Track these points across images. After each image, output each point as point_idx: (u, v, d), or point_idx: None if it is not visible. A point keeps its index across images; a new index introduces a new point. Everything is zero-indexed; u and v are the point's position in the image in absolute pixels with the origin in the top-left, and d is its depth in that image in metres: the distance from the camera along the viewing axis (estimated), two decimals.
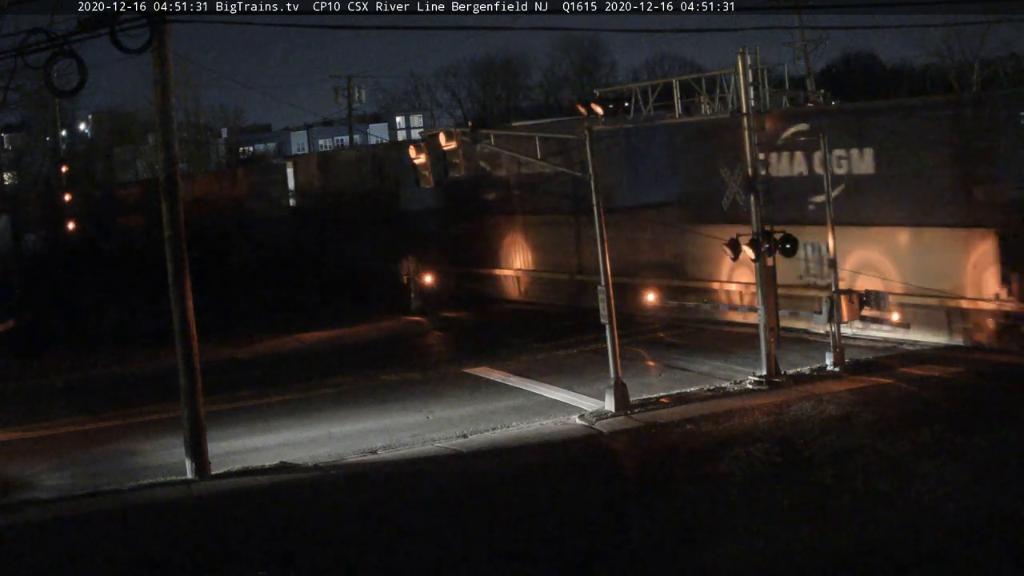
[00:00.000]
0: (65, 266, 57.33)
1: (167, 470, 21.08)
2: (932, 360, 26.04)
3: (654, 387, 25.53)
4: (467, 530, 17.03)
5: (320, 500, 19.08)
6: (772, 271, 25.62)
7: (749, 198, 25.23)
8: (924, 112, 29.21)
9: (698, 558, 15.19)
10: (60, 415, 26.85)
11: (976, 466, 17.98)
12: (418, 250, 42.43)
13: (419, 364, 30.67)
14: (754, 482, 18.02)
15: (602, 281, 24.03)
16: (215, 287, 41.43)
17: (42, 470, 22.09)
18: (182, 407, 20.93)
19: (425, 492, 19.03)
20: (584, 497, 18.29)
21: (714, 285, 33.26)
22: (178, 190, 20.89)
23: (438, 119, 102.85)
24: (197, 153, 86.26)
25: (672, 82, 26.33)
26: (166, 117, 20.76)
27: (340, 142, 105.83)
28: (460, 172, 25.28)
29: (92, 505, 19.47)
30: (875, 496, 16.89)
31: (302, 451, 21.97)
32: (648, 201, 35.38)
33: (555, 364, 29.13)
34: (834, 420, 21.43)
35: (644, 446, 21.04)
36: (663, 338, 31.68)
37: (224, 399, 26.17)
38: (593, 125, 25.26)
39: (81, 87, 19.76)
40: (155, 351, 33.00)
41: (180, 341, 20.85)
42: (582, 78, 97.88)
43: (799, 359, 26.67)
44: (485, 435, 22.51)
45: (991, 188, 26.33)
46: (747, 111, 25.13)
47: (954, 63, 69.67)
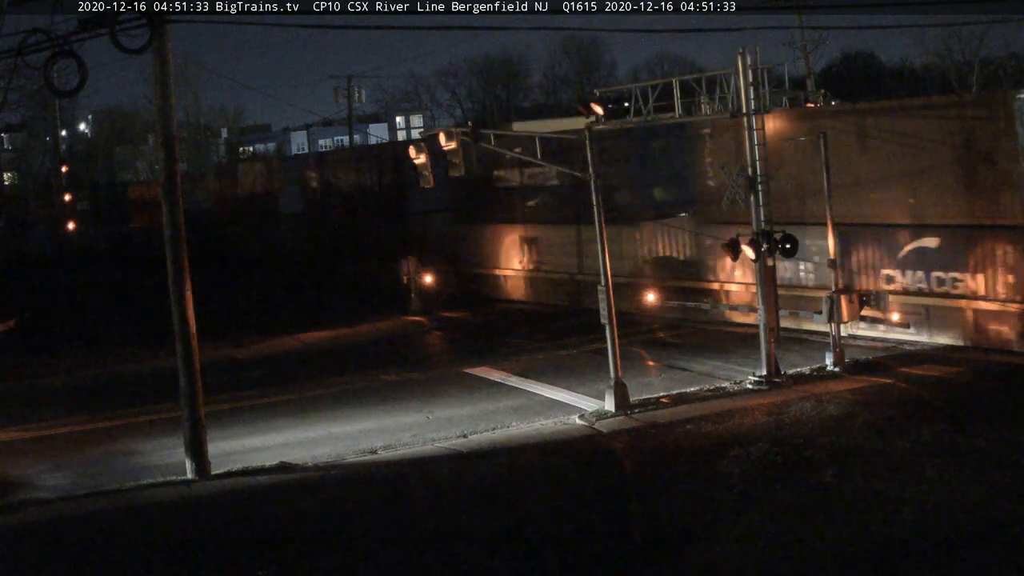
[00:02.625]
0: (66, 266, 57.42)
1: (167, 470, 21.08)
2: (932, 360, 26.04)
3: (654, 387, 25.54)
4: (467, 530, 17.02)
5: (320, 500, 19.07)
6: (772, 271, 25.62)
7: (749, 198, 25.22)
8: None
9: (698, 558, 15.18)
10: (60, 415, 26.85)
11: (976, 466, 17.97)
12: (418, 250, 42.61)
13: (419, 364, 30.69)
14: (754, 482, 18.01)
15: (602, 281, 24.04)
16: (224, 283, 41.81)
17: (42, 470, 22.09)
18: (182, 407, 20.93)
19: (425, 492, 19.02)
20: (584, 497, 18.28)
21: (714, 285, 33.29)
22: (178, 190, 20.89)
23: (438, 119, 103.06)
24: (197, 153, 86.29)
25: (672, 82, 26.23)
26: (166, 117, 20.75)
27: (340, 142, 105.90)
28: (460, 172, 25.29)
29: (92, 505, 19.47)
30: (875, 496, 16.88)
31: (302, 451, 21.98)
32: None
33: (555, 364, 29.14)
34: (834, 420, 21.43)
35: (644, 446, 21.03)
36: (663, 338, 31.70)
37: (224, 399, 26.19)
38: (594, 126, 25.28)
39: (81, 87, 19.77)
40: (155, 351, 33.03)
41: (180, 341, 20.84)
42: (582, 78, 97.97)
43: (799, 359, 26.68)
44: (485, 435, 22.51)
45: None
46: (747, 111, 25.12)
47: (954, 63, 69.75)
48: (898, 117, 29.12)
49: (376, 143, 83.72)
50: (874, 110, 30.77)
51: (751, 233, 25.00)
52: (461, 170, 25.23)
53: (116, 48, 18.97)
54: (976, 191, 26.72)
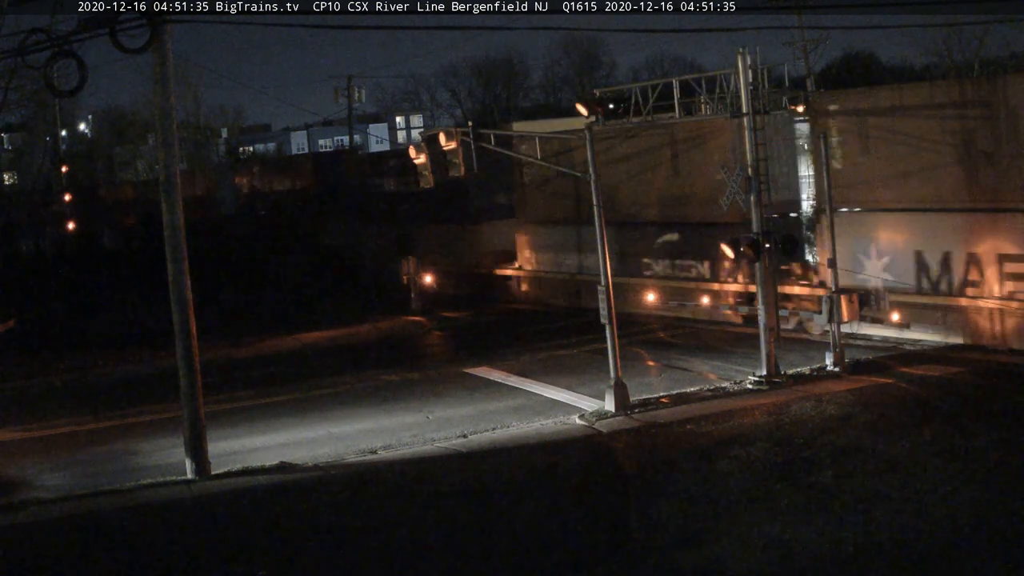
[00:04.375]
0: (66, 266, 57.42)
1: (167, 470, 21.08)
2: (932, 360, 26.04)
3: (654, 387, 25.54)
4: (467, 529, 17.03)
5: (320, 500, 19.06)
6: (772, 271, 25.63)
7: (750, 198, 25.22)
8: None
9: (698, 558, 15.18)
10: (60, 415, 26.86)
11: (976, 466, 17.97)
12: (419, 250, 42.77)
13: (419, 364, 30.69)
14: (754, 482, 18.01)
15: (602, 281, 24.04)
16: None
17: (42, 470, 22.10)
18: (182, 407, 20.93)
19: (425, 492, 19.01)
20: (584, 497, 18.28)
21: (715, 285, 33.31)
22: (178, 190, 20.89)
23: (438, 119, 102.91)
24: (197, 153, 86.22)
25: (672, 82, 26.24)
26: (166, 117, 20.75)
27: (340, 142, 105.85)
28: (460, 172, 25.29)
29: (92, 505, 19.46)
30: (875, 496, 16.88)
31: (302, 451, 21.98)
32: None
33: (555, 364, 29.14)
34: (834, 420, 21.43)
35: (644, 446, 21.03)
36: (663, 338, 31.70)
37: (224, 399, 26.20)
38: (593, 125, 25.29)
39: (81, 87, 19.76)
40: (155, 351, 33.04)
41: (180, 341, 20.84)
42: (582, 78, 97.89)
43: (799, 359, 26.68)
44: (485, 435, 22.51)
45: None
46: (747, 111, 25.11)
47: (954, 63, 69.69)
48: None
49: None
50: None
51: (752, 233, 25.02)
52: (461, 170, 25.24)
53: (116, 48, 18.99)
54: None
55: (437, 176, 26.38)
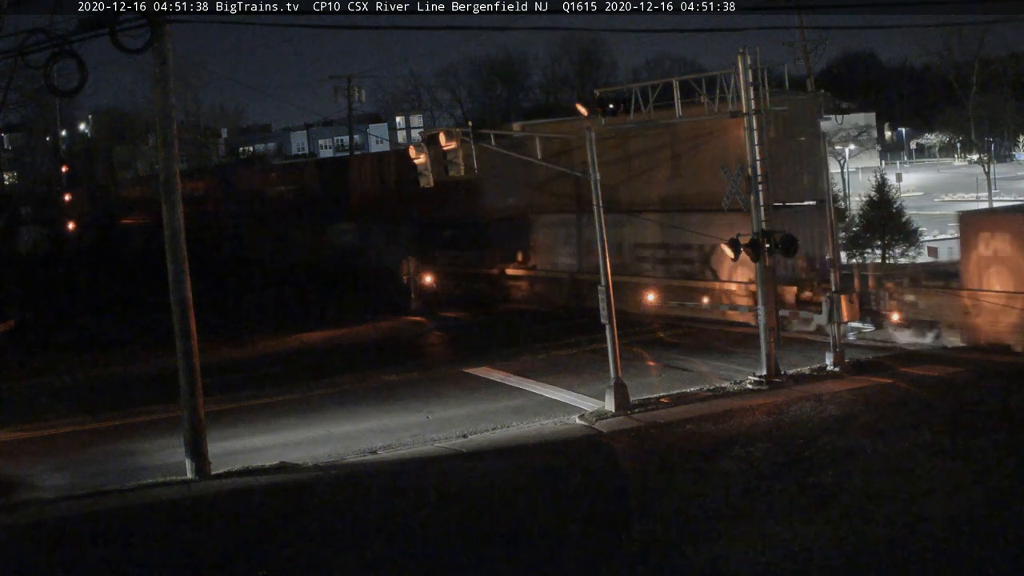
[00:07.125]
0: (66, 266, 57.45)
1: (167, 470, 21.06)
2: (932, 360, 26.04)
3: (654, 387, 25.52)
4: (467, 529, 17.02)
5: (320, 499, 19.06)
6: (772, 271, 25.62)
7: (750, 198, 25.21)
8: None
9: (698, 558, 15.17)
10: (60, 415, 26.83)
11: (976, 466, 17.97)
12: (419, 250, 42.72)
13: (419, 364, 30.67)
14: (754, 482, 18.01)
15: (602, 281, 24.03)
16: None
17: (42, 470, 22.07)
18: (182, 407, 20.92)
19: (425, 491, 19.01)
20: (584, 497, 18.27)
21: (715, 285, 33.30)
22: (178, 190, 20.88)
23: (438, 119, 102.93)
24: (197, 153, 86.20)
25: (672, 82, 26.22)
26: (166, 117, 20.75)
27: (340, 142, 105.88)
28: (460, 172, 25.26)
29: (92, 505, 19.45)
30: (875, 496, 16.88)
31: (302, 451, 21.97)
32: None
33: (555, 364, 29.12)
34: (834, 420, 21.42)
35: (644, 446, 21.03)
36: (663, 338, 31.69)
37: (224, 399, 26.16)
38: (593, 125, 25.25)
39: (81, 87, 19.74)
40: (155, 351, 33.01)
41: (180, 341, 20.83)
42: (582, 78, 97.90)
43: (799, 359, 26.67)
44: (485, 435, 22.50)
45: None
46: (748, 111, 25.10)
47: (954, 63, 69.65)
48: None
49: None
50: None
51: (751, 232, 25.01)
52: (461, 170, 25.21)
53: (116, 48, 18.96)
54: None
55: (437, 176, 26.35)
